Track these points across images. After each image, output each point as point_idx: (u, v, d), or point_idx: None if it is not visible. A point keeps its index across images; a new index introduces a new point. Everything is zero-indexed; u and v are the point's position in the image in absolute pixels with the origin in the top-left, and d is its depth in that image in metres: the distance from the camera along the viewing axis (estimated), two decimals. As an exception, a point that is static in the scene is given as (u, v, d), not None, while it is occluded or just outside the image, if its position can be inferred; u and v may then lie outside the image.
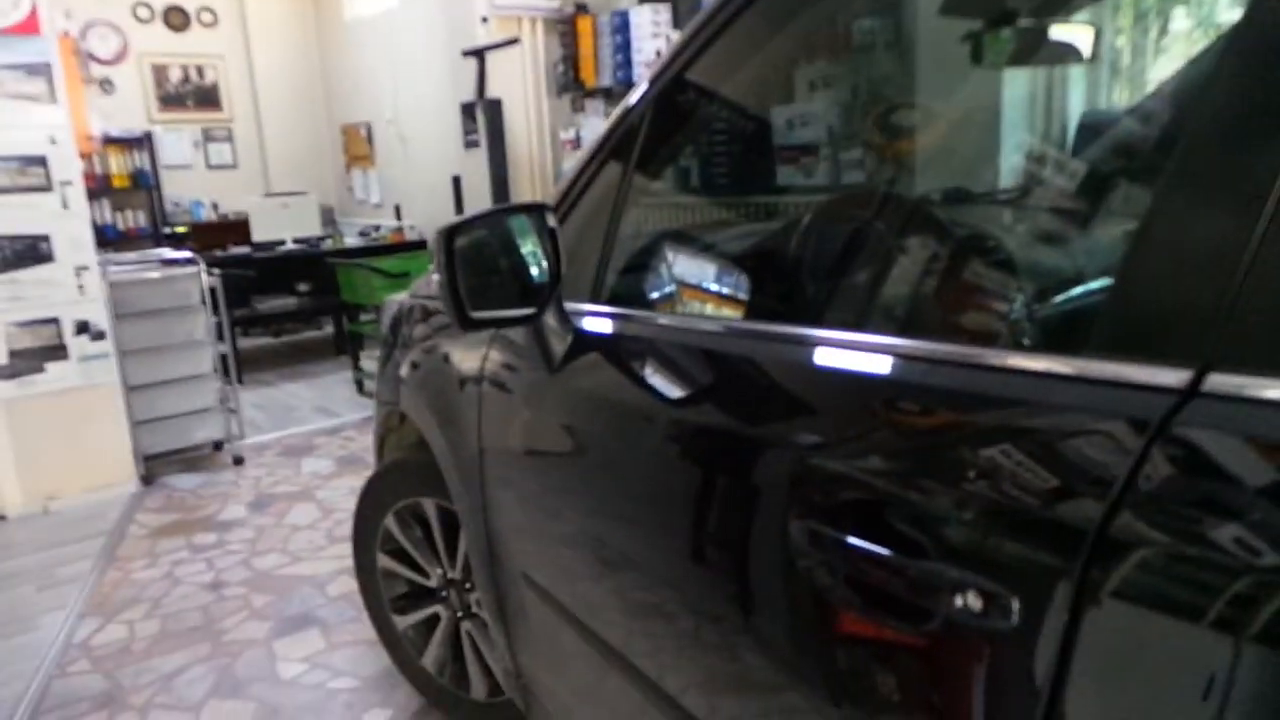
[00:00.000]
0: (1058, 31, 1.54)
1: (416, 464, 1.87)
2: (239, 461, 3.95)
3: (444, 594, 1.93)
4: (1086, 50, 1.55)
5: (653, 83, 1.19)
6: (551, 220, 1.16)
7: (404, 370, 1.92)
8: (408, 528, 1.95)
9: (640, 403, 1.11)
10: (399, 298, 2.25)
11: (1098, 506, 0.57)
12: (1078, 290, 1.01)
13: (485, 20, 4.87)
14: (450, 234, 1.14)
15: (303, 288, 5.73)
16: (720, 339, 1.05)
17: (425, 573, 1.95)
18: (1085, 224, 1.81)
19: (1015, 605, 0.61)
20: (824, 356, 0.88)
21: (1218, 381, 0.55)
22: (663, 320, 1.17)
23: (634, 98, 1.22)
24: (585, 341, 1.22)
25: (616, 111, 1.26)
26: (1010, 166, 3.02)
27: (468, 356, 1.57)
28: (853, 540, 0.74)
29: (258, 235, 5.80)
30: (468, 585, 1.87)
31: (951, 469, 0.69)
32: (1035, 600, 0.60)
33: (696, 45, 1.11)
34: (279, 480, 3.71)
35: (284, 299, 5.67)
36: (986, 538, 0.65)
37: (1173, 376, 0.57)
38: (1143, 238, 0.64)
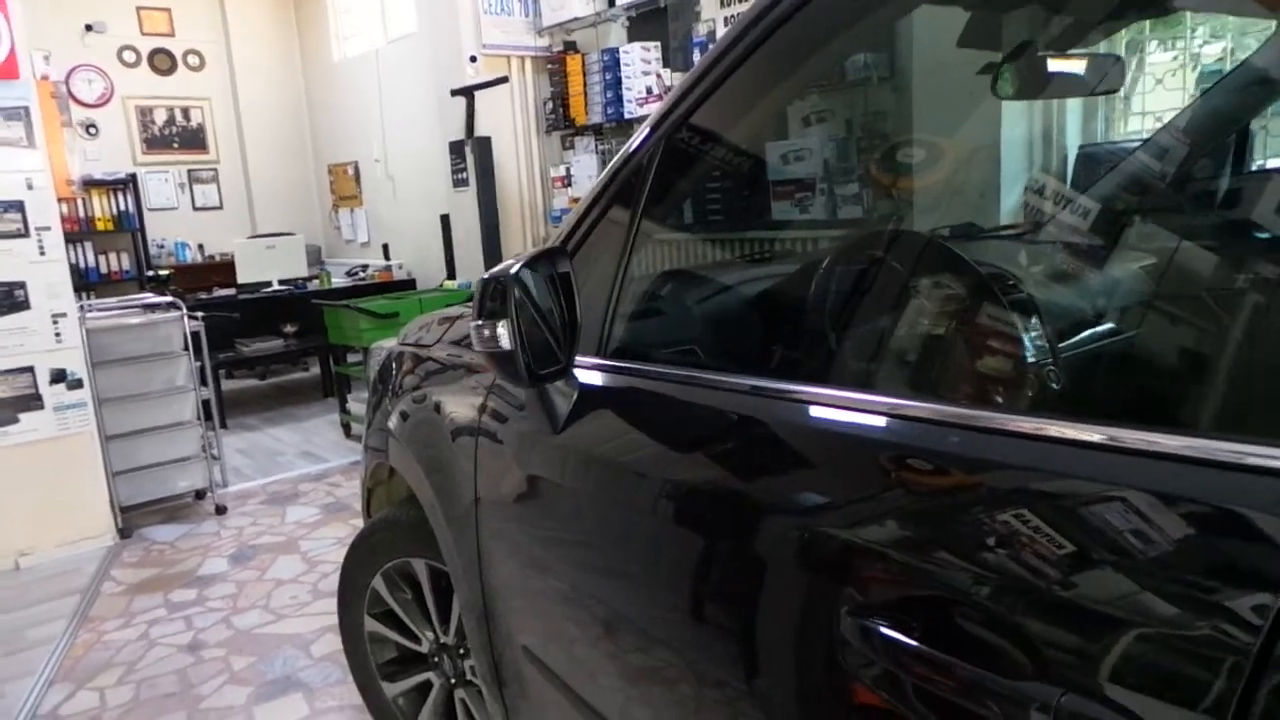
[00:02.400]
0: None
1: (406, 521, 1.77)
2: (221, 511, 3.81)
3: (436, 660, 1.81)
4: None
5: (658, 125, 1.11)
6: (565, 265, 1.08)
7: (393, 421, 1.82)
8: (397, 589, 1.84)
9: (653, 467, 1.02)
10: (387, 344, 2.16)
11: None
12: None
13: (474, 59, 4.84)
14: (517, 279, 1.03)
15: (289, 329, 5.62)
16: (737, 399, 0.96)
17: (416, 637, 1.83)
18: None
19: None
20: (838, 419, 0.81)
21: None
22: (676, 377, 1.08)
23: (636, 141, 1.15)
24: (592, 399, 1.13)
25: (618, 157, 1.18)
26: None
27: (462, 407, 1.48)
28: (887, 630, 0.66)
29: (243, 277, 5.70)
30: (461, 651, 1.76)
31: (982, 549, 0.62)
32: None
33: (705, 86, 1.05)
34: (262, 530, 3.58)
35: (269, 341, 5.56)
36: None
37: None
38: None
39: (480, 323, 1.06)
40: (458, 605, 1.71)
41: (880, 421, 0.78)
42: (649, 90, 4.31)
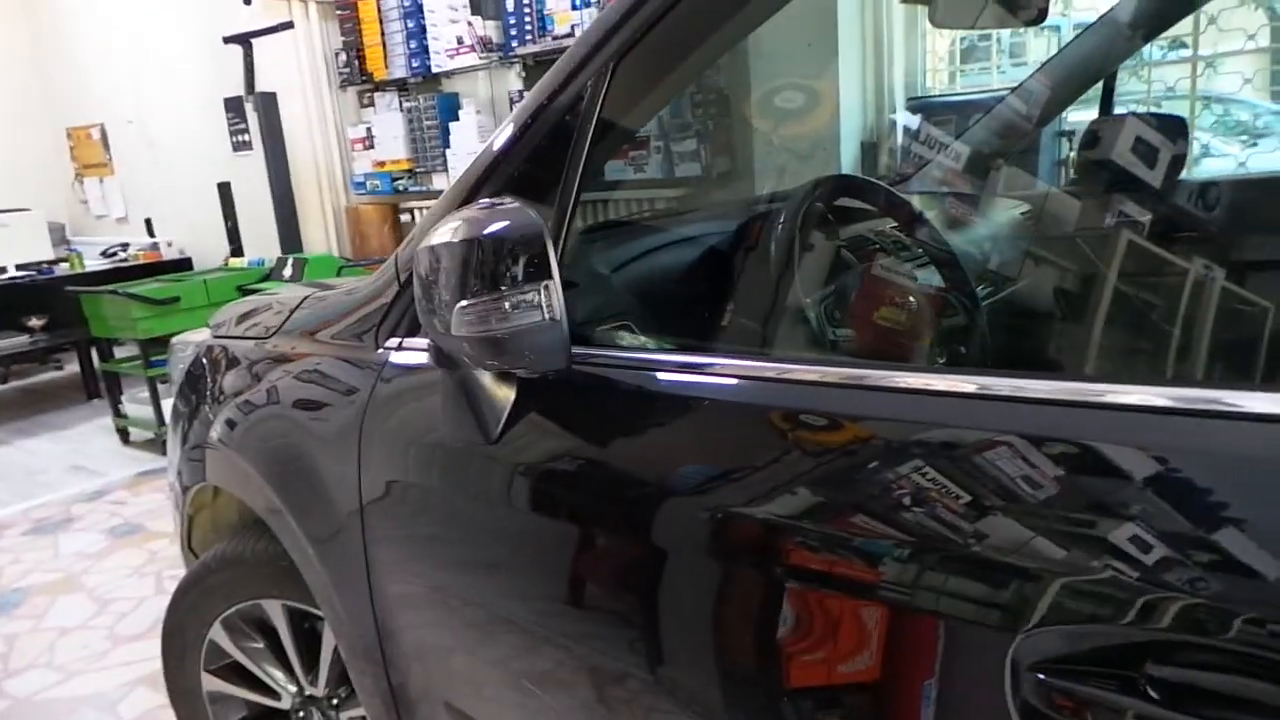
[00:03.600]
0: None
1: (252, 555, 1.44)
2: (-31, 549, 3.13)
3: (302, 715, 1.51)
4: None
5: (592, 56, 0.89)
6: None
7: (216, 431, 1.47)
8: (243, 638, 1.51)
9: (636, 479, 0.82)
10: (193, 338, 1.77)
11: None
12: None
13: (249, 2, 4.23)
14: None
15: (35, 322, 4.76)
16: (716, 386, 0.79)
17: (273, 691, 1.52)
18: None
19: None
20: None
21: None
22: (623, 360, 0.88)
23: (562, 76, 0.92)
24: (539, 397, 0.90)
25: (536, 93, 0.94)
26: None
27: (332, 402, 1.19)
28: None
29: (-33, 263, 4.75)
30: (334, 701, 1.47)
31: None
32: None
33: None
34: (30, 568, 2.96)
35: (11, 338, 4.68)
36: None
37: None
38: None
39: (480, 299, 0.78)
40: (328, 649, 1.43)
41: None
42: (460, 40, 3.95)
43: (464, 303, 0.80)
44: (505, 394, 0.91)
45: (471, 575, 1.00)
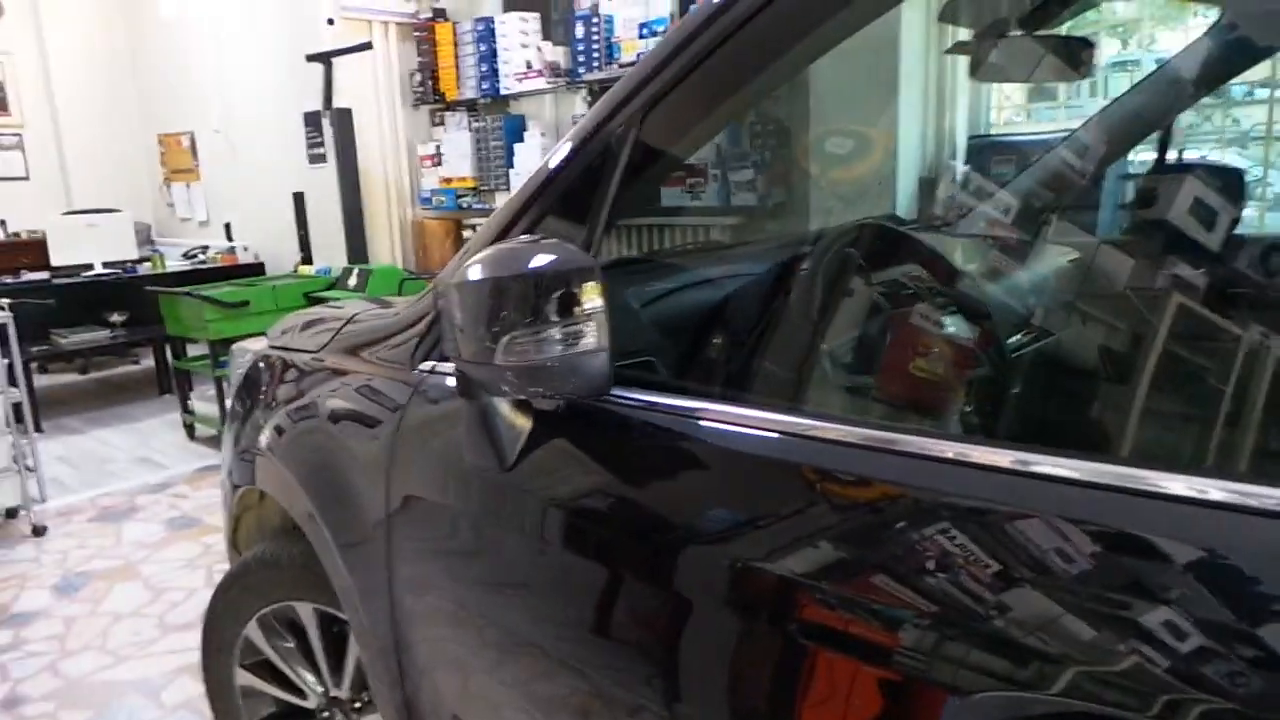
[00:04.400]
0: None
1: (288, 559, 1.50)
2: (40, 532, 3.30)
3: (326, 715, 1.56)
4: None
5: (621, 106, 0.93)
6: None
7: (264, 438, 1.54)
8: (276, 637, 1.57)
9: (645, 515, 0.85)
10: (253, 346, 1.85)
11: None
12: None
13: (331, 22, 4.42)
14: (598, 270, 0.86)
15: (116, 318, 5.00)
16: (720, 432, 0.81)
17: (300, 691, 1.58)
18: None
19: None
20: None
21: None
22: (647, 401, 0.90)
23: (591, 125, 0.96)
24: (551, 428, 0.93)
25: (570, 141, 0.98)
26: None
27: (368, 419, 1.24)
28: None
29: (58, 258, 5.02)
30: (357, 705, 1.52)
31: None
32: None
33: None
34: (93, 554, 3.12)
35: (93, 332, 4.92)
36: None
37: None
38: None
39: (528, 330, 0.82)
40: (353, 654, 1.48)
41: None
42: (529, 65, 4.06)
43: (513, 333, 0.83)
44: (523, 424, 0.94)
45: (483, 595, 1.04)
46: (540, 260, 0.83)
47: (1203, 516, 0.55)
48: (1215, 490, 0.55)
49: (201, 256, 5.72)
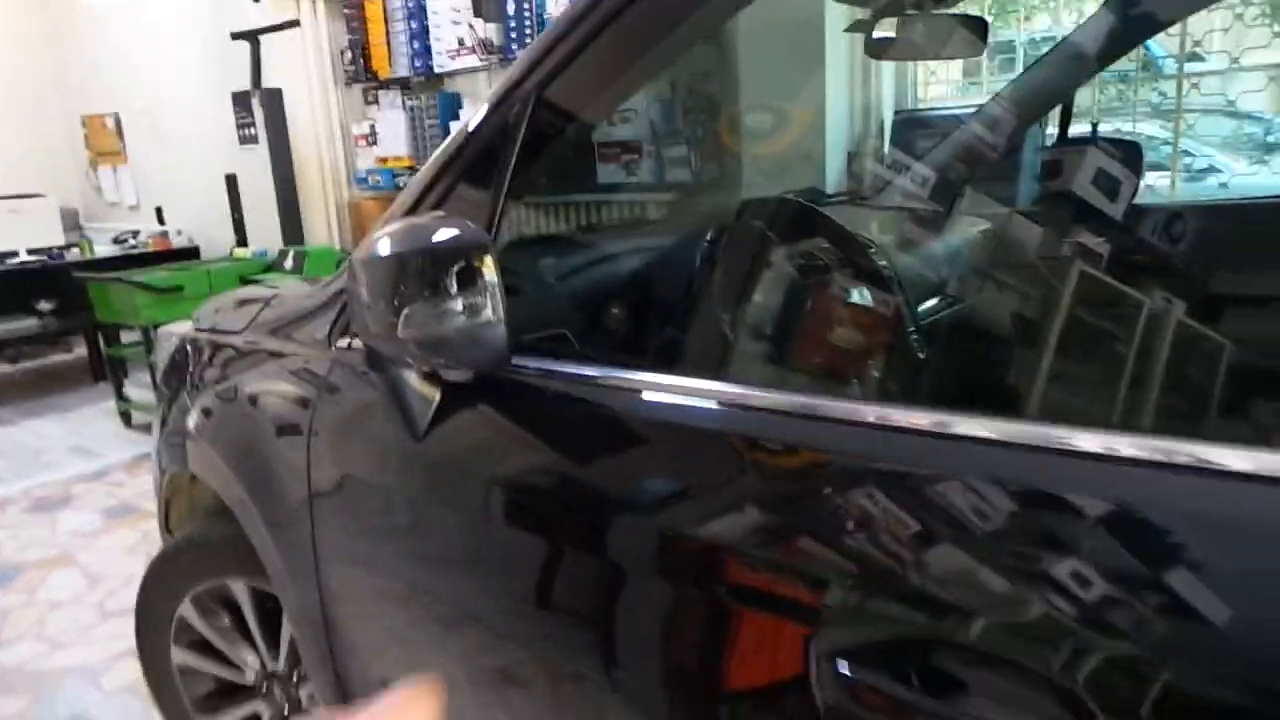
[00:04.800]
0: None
1: (218, 538, 1.52)
2: (-29, 525, 3.24)
3: (265, 689, 1.59)
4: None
5: (521, 81, 0.96)
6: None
7: (192, 420, 1.56)
8: (211, 615, 1.59)
9: (549, 479, 0.89)
10: (177, 330, 1.85)
11: None
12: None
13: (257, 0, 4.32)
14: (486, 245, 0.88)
15: (44, 306, 4.88)
16: (610, 394, 0.85)
17: (238, 666, 1.60)
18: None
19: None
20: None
21: None
22: (547, 372, 0.94)
23: (495, 100, 0.99)
24: (460, 398, 0.97)
25: (474, 119, 1.02)
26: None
27: (286, 401, 1.27)
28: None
29: (-20, 246, 4.86)
30: (295, 678, 1.55)
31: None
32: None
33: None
34: (26, 544, 3.07)
35: (21, 320, 4.80)
36: None
37: None
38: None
39: (427, 302, 0.85)
40: (287, 628, 1.51)
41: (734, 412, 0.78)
42: (461, 42, 4.03)
43: (413, 306, 0.87)
44: (431, 394, 0.98)
45: (404, 568, 1.08)
46: (437, 236, 0.86)
47: (1114, 472, 0.56)
48: (1126, 446, 0.57)
49: (132, 241, 5.58)
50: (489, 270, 0.87)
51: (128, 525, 3.17)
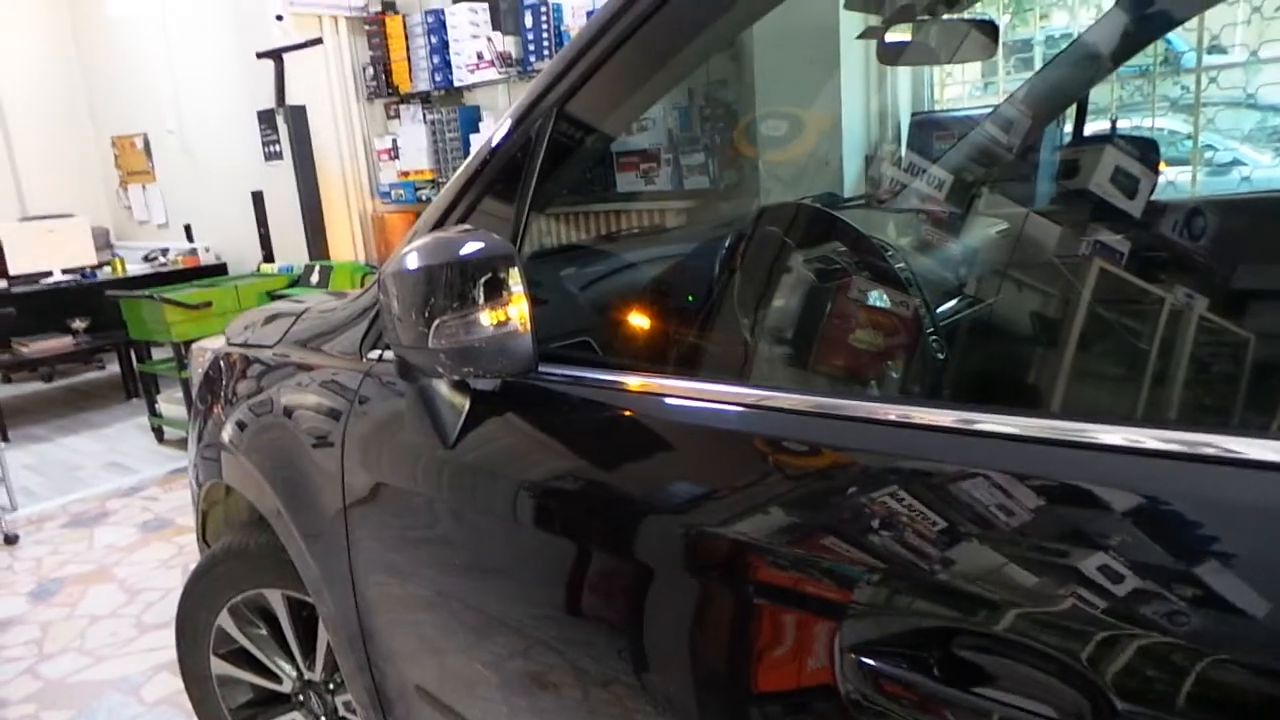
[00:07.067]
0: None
1: (255, 549, 1.56)
2: (12, 540, 3.32)
3: (301, 698, 1.62)
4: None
5: (542, 97, 0.99)
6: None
7: (227, 433, 1.59)
8: (249, 625, 1.63)
9: (560, 481, 0.91)
10: (211, 345, 1.89)
11: None
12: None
13: (280, 19, 4.40)
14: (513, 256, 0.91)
15: (78, 324, 4.98)
16: (636, 400, 0.87)
17: (276, 676, 1.63)
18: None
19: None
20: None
21: None
22: (573, 379, 0.96)
23: (517, 115, 1.02)
24: (489, 406, 0.99)
25: (495, 134, 1.04)
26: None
27: (320, 412, 1.30)
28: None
29: (16, 266, 4.97)
30: (331, 686, 1.58)
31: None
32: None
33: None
34: (66, 559, 3.14)
35: (56, 339, 4.90)
36: None
37: None
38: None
39: (457, 313, 0.88)
40: (323, 637, 1.54)
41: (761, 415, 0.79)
42: (480, 56, 4.08)
43: (443, 318, 0.89)
44: (461, 403, 1.01)
45: (438, 575, 1.10)
46: (464, 249, 0.89)
47: (1140, 465, 0.56)
48: (1151, 440, 0.57)
49: (162, 259, 5.68)
50: (515, 281, 0.89)
51: (164, 539, 3.23)
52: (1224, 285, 1.50)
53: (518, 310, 0.89)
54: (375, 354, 1.22)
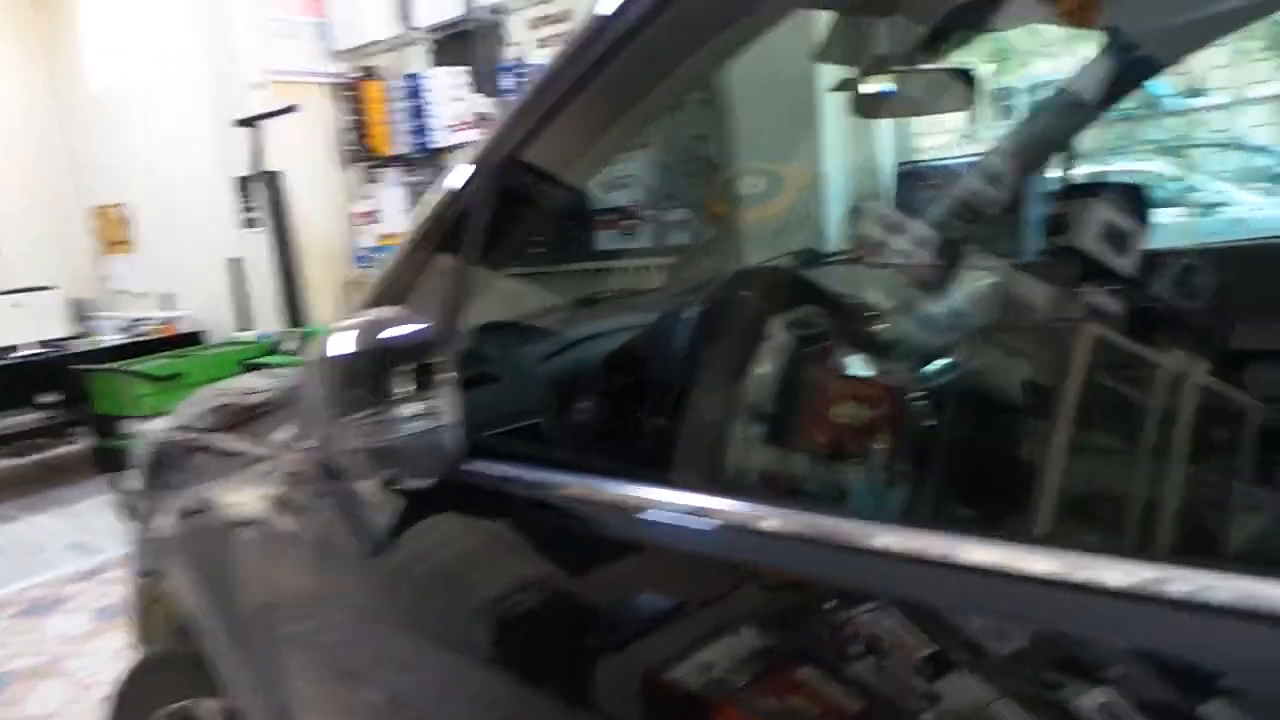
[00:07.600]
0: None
1: (185, 655, 1.41)
2: (-39, 631, 3.13)
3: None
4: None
5: (486, 158, 0.89)
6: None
7: (165, 526, 1.46)
8: (180, 740, 1.47)
9: (498, 604, 0.79)
10: (155, 427, 1.77)
11: None
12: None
13: (260, 87, 4.38)
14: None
15: (48, 399, 4.84)
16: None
17: (209, 795, 1.47)
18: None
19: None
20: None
21: None
22: (502, 475, 0.84)
23: (460, 179, 0.91)
24: (419, 508, 0.87)
25: (439, 198, 0.94)
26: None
27: (248, 504, 1.17)
28: None
29: (-19, 341, 4.87)
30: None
31: None
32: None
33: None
34: (16, 652, 2.95)
35: (22, 414, 4.76)
36: None
37: None
38: None
39: (370, 409, 0.75)
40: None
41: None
42: (459, 118, 4.04)
43: (360, 413, 0.78)
44: (387, 504, 0.88)
45: (365, 686, 0.97)
46: (385, 334, 0.78)
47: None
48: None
49: (138, 329, 5.57)
50: (445, 368, 0.78)
51: (118, 628, 3.03)
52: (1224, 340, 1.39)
53: (446, 402, 0.78)
54: (306, 443, 1.10)
